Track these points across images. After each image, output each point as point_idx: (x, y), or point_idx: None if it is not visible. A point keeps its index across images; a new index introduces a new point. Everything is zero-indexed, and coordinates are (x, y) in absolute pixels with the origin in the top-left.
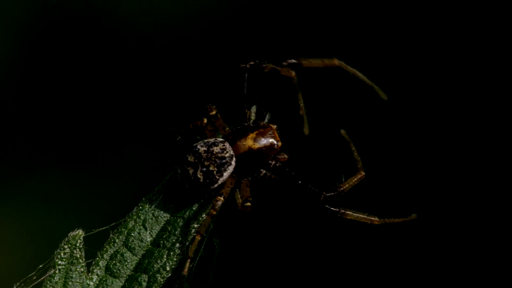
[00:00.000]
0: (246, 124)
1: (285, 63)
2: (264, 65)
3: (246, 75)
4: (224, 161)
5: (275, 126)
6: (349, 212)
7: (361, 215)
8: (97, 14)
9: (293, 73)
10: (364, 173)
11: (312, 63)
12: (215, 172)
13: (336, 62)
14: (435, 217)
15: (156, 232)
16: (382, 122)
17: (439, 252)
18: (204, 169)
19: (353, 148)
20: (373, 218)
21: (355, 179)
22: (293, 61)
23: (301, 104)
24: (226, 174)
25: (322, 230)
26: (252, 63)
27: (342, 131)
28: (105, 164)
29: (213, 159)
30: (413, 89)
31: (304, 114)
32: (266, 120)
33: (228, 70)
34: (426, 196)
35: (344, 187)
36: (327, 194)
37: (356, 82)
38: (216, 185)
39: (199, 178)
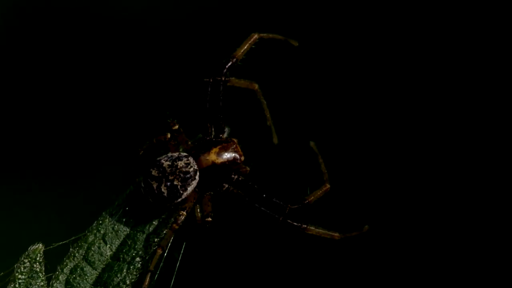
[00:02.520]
0: (208, 138)
1: (207, 79)
2: (226, 79)
3: (209, 89)
4: (188, 175)
5: (236, 140)
6: (311, 228)
7: (323, 231)
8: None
9: (256, 86)
10: (329, 186)
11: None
12: (179, 187)
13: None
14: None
15: (116, 246)
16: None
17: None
18: (169, 183)
19: (320, 161)
20: (334, 234)
21: (321, 191)
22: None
23: (268, 115)
24: (190, 189)
25: (285, 243)
26: (216, 77)
27: (311, 143)
28: (67, 176)
29: (177, 173)
30: (377, 102)
31: (271, 124)
32: (226, 134)
33: (192, 84)
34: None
35: (310, 199)
36: (293, 207)
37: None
38: (180, 199)
39: (163, 192)
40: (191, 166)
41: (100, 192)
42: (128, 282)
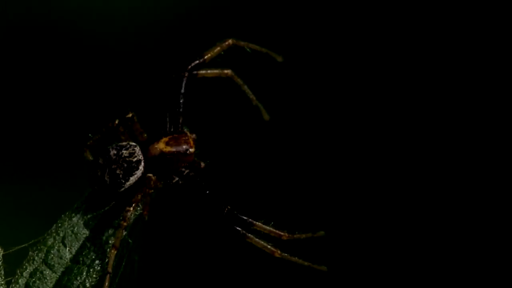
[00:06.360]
0: (162, 130)
1: (171, 75)
2: (194, 73)
3: (172, 84)
4: (131, 165)
5: (193, 135)
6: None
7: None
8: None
9: (229, 72)
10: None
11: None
12: (121, 176)
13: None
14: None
15: (76, 249)
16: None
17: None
18: (112, 172)
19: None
20: (281, 233)
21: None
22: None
23: (251, 96)
24: (132, 179)
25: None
26: (180, 72)
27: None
28: (25, 180)
29: (120, 162)
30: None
31: (257, 103)
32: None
33: (156, 79)
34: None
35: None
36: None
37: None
38: (122, 189)
39: (106, 181)
40: (135, 156)
41: (63, 194)
42: (88, 285)
